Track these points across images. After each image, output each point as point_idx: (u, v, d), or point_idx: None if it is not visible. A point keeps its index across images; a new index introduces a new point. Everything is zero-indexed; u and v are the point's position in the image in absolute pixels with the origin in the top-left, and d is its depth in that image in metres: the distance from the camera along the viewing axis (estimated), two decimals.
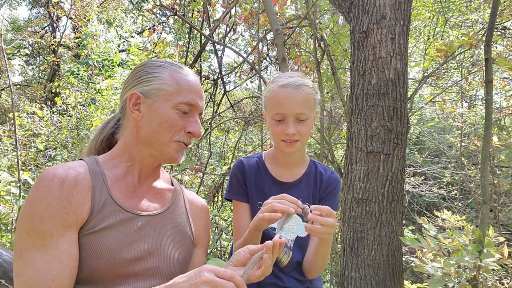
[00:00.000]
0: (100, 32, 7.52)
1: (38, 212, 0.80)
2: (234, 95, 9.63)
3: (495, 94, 7.26)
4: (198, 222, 1.07)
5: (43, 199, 0.80)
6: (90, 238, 0.83)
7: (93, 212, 0.85)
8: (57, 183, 0.82)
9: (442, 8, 4.36)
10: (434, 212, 4.46)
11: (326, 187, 1.29)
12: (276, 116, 1.17)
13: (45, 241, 0.79)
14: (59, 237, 0.80)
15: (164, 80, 0.95)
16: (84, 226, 0.84)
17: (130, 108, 0.96)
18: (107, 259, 0.83)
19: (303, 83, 1.17)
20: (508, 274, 2.97)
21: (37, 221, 0.79)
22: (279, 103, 1.15)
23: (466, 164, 5.46)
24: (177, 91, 0.95)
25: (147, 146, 0.96)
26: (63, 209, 0.81)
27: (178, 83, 0.96)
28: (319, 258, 1.18)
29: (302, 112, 1.15)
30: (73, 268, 0.80)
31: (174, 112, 0.94)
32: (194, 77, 1.00)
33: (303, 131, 1.17)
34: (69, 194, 0.83)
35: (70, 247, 0.80)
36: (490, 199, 2.51)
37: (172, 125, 0.94)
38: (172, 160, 0.97)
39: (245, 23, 5.63)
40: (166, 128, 0.94)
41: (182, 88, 0.95)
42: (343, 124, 5.05)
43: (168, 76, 0.96)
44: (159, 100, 0.94)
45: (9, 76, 3.82)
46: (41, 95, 9.53)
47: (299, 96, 1.14)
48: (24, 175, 3.70)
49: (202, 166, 4.79)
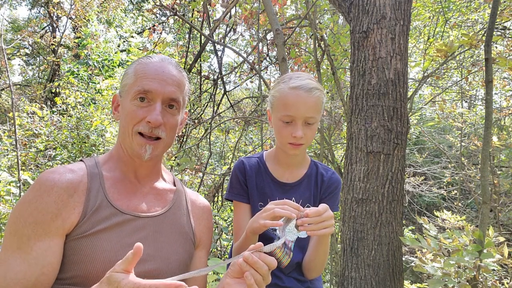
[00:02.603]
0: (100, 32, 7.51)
1: (24, 215, 0.81)
2: (234, 95, 9.63)
3: (495, 94, 7.26)
4: (200, 223, 1.06)
5: (31, 202, 0.82)
6: (82, 242, 0.83)
7: (86, 216, 0.84)
8: (48, 187, 0.83)
9: (442, 8, 4.36)
10: (434, 212, 4.46)
11: (327, 188, 1.28)
12: (285, 117, 1.15)
13: (21, 244, 0.79)
14: (36, 242, 0.80)
15: (128, 74, 0.95)
16: (74, 230, 0.83)
17: (112, 110, 0.99)
18: (102, 262, 0.82)
19: (314, 86, 1.15)
20: (508, 274, 2.97)
21: (20, 224, 0.80)
22: (289, 105, 1.13)
23: (466, 164, 5.46)
24: (134, 81, 0.93)
25: (124, 144, 0.96)
26: (49, 214, 0.81)
27: (135, 74, 0.93)
28: (318, 257, 1.18)
29: (312, 116, 1.14)
30: (42, 275, 0.79)
31: (133, 103, 0.91)
32: (160, 63, 0.94)
33: (309, 135, 1.17)
34: (59, 199, 0.83)
35: (45, 253, 0.80)
36: (490, 199, 2.51)
37: (131, 116, 0.91)
38: (137, 156, 0.92)
39: (245, 23, 5.63)
40: (128, 121, 0.92)
41: (138, 77, 0.92)
42: (343, 124, 5.05)
43: (131, 70, 0.95)
44: (124, 95, 0.95)
45: (9, 76, 3.82)
46: (41, 95, 9.53)
47: (310, 100, 1.13)
48: (24, 175, 3.69)
49: (202, 166, 4.79)
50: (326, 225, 0.94)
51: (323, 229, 0.94)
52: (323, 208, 0.94)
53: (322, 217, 0.93)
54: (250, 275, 0.78)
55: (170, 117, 0.94)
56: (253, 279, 0.78)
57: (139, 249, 0.67)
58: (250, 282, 0.78)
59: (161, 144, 0.94)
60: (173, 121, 0.95)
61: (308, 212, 0.93)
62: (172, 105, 0.94)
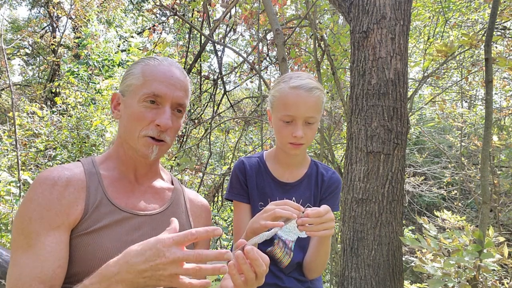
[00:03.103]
0: (100, 32, 7.52)
1: (28, 213, 0.81)
2: (234, 95, 9.64)
3: (495, 94, 7.26)
4: (199, 221, 1.07)
5: (34, 200, 0.82)
6: (84, 239, 0.83)
7: (87, 212, 0.85)
8: (49, 184, 0.83)
9: (442, 8, 4.36)
10: (434, 212, 4.46)
11: (327, 187, 1.28)
12: (285, 117, 1.15)
13: (31, 241, 0.79)
14: (46, 237, 0.80)
15: (134, 75, 0.95)
16: (77, 226, 0.84)
17: (112, 108, 0.98)
18: (101, 259, 0.82)
19: (314, 86, 1.15)
20: (508, 274, 2.97)
21: (26, 222, 0.80)
22: (290, 105, 1.14)
23: (466, 164, 5.46)
24: (142, 83, 0.93)
25: (126, 144, 0.96)
26: (53, 210, 0.82)
27: (144, 75, 0.93)
28: (319, 258, 1.18)
29: (312, 115, 1.14)
30: (58, 267, 0.79)
31: (141, 105, 0.91)
32: (168, 67, 0.95)
33: (310, 135, 1.17)
34: (60, 195, 0.83)
35: (57, 246, 0.80)
36: (490, 199, 2.51)
37: (138, 118, 0.91)
38: (143, 156, 0.93)
39: (245, 23, 5.63)
40: (134, 122, 0.92)
41: (147, 79, 0.92)
42: (343, 124, 5.05)
43: (138, 70, 0.95)
44: (129, 95, 0.94)
45: (9, 76, 3.82)
46: (41, 95, 9.53)
47: (310, 99, 1.13)
48: (24, 175, 3.70)
49: (202, 166, 4.79)
50: (326, 227, 0.94)
51: (323, 230, 0.94)
52: (324, 210, 0.94)
53: (323, 219, 0.93)
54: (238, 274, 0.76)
55: (175, 120, 0.96)
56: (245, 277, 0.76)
57: None
58: (238, 282, 0.76)
59: (165, 146, 0.96)
60: (178, 125, 0.98)
61: (309, 213, 0.93)
62: (180, 110, 0.97)
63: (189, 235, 0.67)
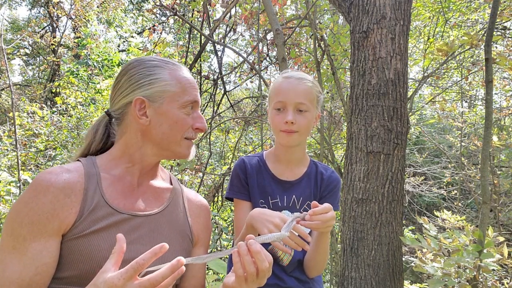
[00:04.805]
0: (100, 32, 7.53)
1: (20, 215, 0.81)
2: (234, 95, 9.63)
3: (495, 94, 7.26)
4: (198, 221, 1.07)
5: (28, 203, 0.82)
6: (79, 242, 0.83)
7: (82, 215, 0.85)
8: (44, 187, 0.83)
9: (442, 8, 4.35)
10: (434, 212, 4.47)
11: (327, 186, 1.29)
12: (277, 104, 1.20)
13: (17, 244, 0.80)
14: (31, 243, 0.80)
15: (166, 81, 0.95)
16: (71, 230, 0.84)
17: (137, 114, 0.93)
18: (98, 261, 0.82)
19: (306, 77, 1.21)
20: (508, 274, 2.97)
21: (16, 224, 0.81)
22: (281, 92, 1.20)
23: (466, 164, 5.46)
24: (181, 90, 0.95)
25: (156, 148, 0.97)
26: (45, 214, 0.82)
27: (180, 82, 0.96)
28: (318, 256, 1.19)
29: (302, 102, 1.18)
30: (37, 275, 0.79)
31: (182, 112, 0.95)
32: (188, 72, 1.02)
33: (302, 123, 1.18)
34: (55, 199, 0.83)
35: (40, 253, 0.80)
36: (490, 199, 2.51)
37: (182, 125, 0.96)
38: (184, 156, 1.01)
39: (245, 23, 5.63)
40: (177, 129, 0.96)
41: (186, 87, 0.96)
42: (343, 124, 5.05)
43: (169, 76, 0.95)
44: (166, 102, 0.94)
45: (9, 76, 3.82)
46: (41, 95, 9.53)
47: (300, 86, 1.18)
48: (24, 175, 3.70)
49: (202, 166, 4.79)
50: (325, 222, 0.96)
51: (322, 225, 0.96)
52: (328, 206, 0.97)
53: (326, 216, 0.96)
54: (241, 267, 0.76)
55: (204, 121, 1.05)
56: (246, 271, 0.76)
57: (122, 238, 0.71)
58: (239, 272, 0.76)
59: None
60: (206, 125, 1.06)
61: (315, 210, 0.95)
62: None
63: (135, 265, 0.67)
